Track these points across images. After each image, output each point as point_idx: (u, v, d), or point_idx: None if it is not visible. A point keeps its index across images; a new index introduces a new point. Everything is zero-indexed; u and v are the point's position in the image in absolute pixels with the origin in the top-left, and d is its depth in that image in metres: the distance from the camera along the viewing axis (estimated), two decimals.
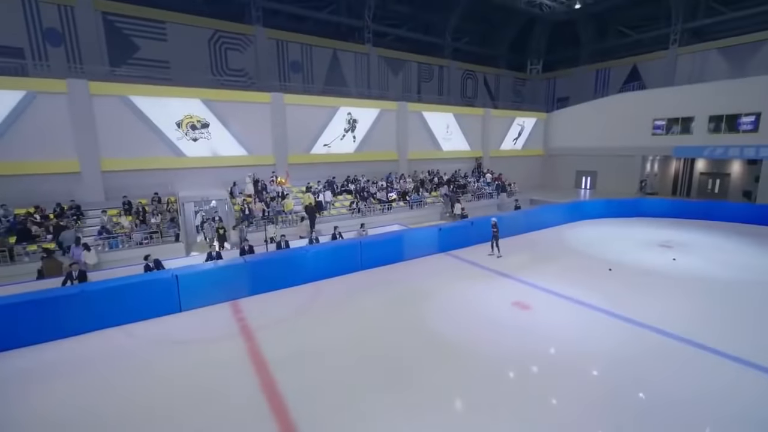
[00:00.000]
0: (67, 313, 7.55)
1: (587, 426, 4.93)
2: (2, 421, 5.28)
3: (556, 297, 9.21)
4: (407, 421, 5.03)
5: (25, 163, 13.93)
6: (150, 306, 8.35)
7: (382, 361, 6.59)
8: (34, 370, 6.53)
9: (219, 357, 6.88)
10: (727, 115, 22.26)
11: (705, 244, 13.97)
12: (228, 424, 5.08)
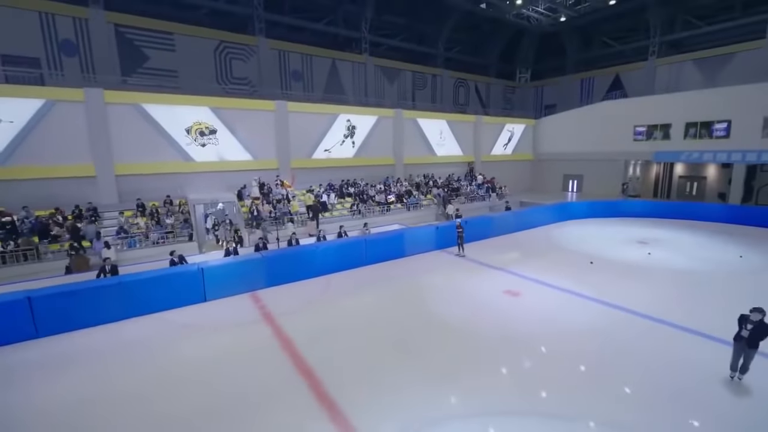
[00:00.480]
0: (108, 301, 8.42)
1: (570, 381, 6.01)
2: (77, 386, 6.16)
3: (542, 285, 10.33)
4: (418, 384, 6.05)
5: (44, 167, 14.66)
6: (179, 296, 9.24)
7: (392, 339, 7.61)
8: (90, 349, 7.40)
9: (248, 337, 7.82)
10: (702, 122, 23.82)
11: (678, 241, 15.29)
12: (266, 390, 6.03)
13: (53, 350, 7.37)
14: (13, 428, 5.26)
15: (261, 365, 6.76)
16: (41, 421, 5.38)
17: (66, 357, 7.11)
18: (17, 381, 6.36)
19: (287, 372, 6.48)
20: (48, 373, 6.55)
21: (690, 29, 28.42)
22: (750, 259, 12.80)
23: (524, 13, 29.16)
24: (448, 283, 10.83)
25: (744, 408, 5.35)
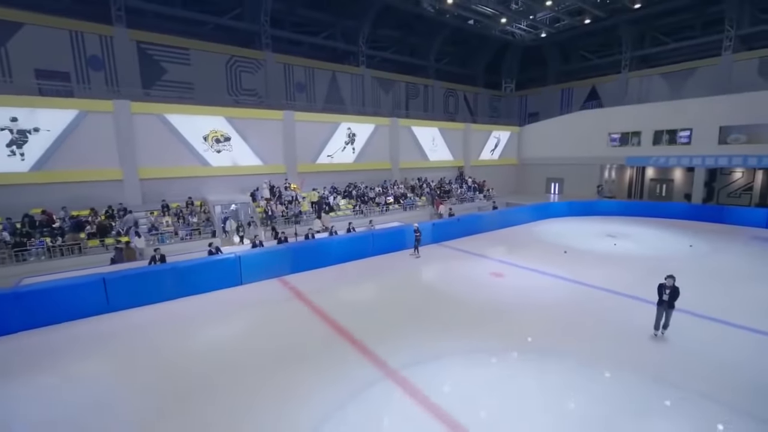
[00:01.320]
0: (165, 283, 10.11)
1: (540, 331, 7.99)
2: (156, 347, 7.89)
3: (522, 269, 12.36)
4: (424, 334, 7.96)
5: (77, 171, 16.17)
6: (220, 279, 10.96)
7: (402, 307, 9.52)
8: (153, 322, 9.10)
9: (286, 309, 9.62)
10: (668, 130, 26.45)
11: (642, 235, 17.58)
12: (311, 342, 7.85)
13: (124, 321, 9.03)
14: (102, 377, 6.99)
15: (302, 327, 8.57)
16: (127, 369, 7.12)
17: (136, 326, 8.79)
18: (100, 344, 8.05)
19: (324, 331, 8.31)
20: (122, 339, 8.25)
21: (657, 45, 31.24)
22: (698, 247, 15.12)
23: (508, 29, 31.60)
24: (444, 268, 12.80)
25: (661, 348, 7.39)
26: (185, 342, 8.12)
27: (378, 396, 5.97)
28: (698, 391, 5.89)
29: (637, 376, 6.36)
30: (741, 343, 7.52)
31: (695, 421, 5.28)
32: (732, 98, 23.76)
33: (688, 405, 5.63)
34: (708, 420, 5.31)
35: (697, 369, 6.57)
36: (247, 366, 6.97)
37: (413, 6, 26.35)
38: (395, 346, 7.43)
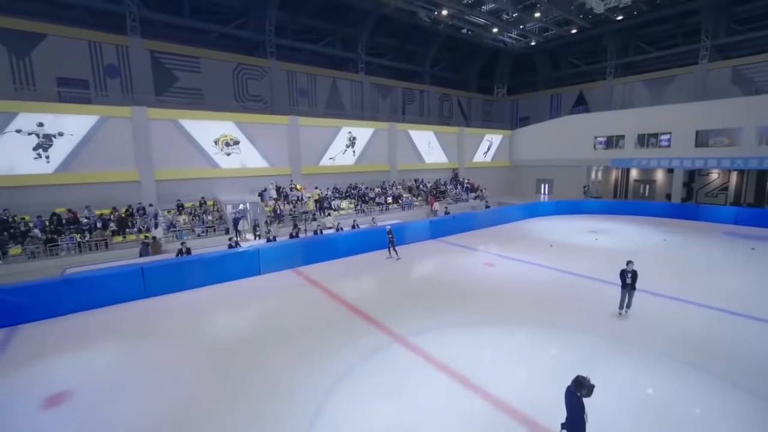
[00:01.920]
0: (193, 272, 11.32)
1: (526, 307, 9.37)
2: (193, 324, 9.13)
3: (511, 260, 13.76)
4: (426, 311, 9.29)
5: (98, 173, 17.26)
6: (242, 269, 12.20)
7: (407, 291, 10.86)
8: (187, 304, 10.32)
9: (304, 294, 10.90)
10: (649, 133, 28.14)
11: (622, 230, 19.10)
12: (329, 318, 9.14)
13: (161, 305, 10.23)
14: (153, 348, 8.22)
15: (318, 306, 9.87)
16: (167, 345, 8.36)
17: (172, 308, 10.01)
18: (143, 323, 9.27)
19: (338, 309, 9.62)
20: (162, 318, 9.48)
21: (640, 53, 33.02)
22: (671, 240, 16.66)
23: (500, 38, 33.18)
24: (442, 260, 14.16)
25: (623, 322, 8.78)
26: (219, 319, 9.36)
27: (385, 357, 7.27)
28: (655, 348, 7.29)
29: (605, 337, 7.75)
30: (694, 315, 8.95)
31: (652, 366, 6.64)
32: (707, 104, 25.52)
33: (646, 356, 7.00)
34: (662, 366, 6.67)
35: (654, 333, 7.96)
36: (274, 336, 8.24)
37: (409, 17, 27.77)
38: (401, 319, 8.74)
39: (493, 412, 5.60)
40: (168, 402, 6.05)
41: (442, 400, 5.93)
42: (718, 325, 8.46)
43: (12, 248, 13.38)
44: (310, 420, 5.44)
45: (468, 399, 5.94)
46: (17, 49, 17.72)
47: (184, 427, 5.48)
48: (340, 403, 5.84)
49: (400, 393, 6.09)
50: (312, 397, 6.00)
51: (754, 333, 8.00)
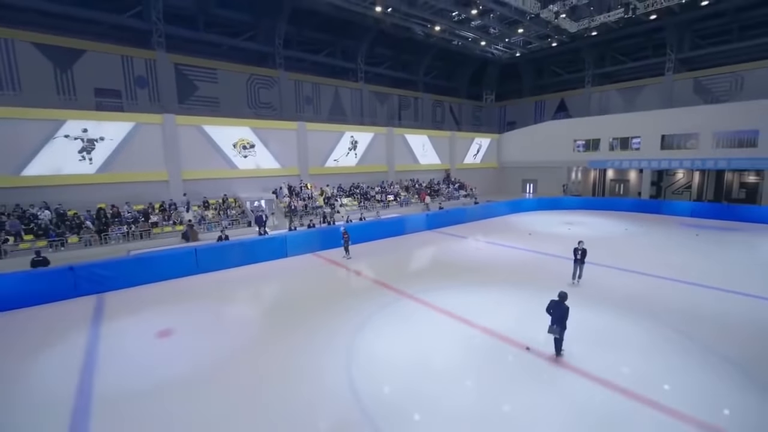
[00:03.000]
0: (234, 254, 13.73)
1: (507, 275, 12.01)
2: (240, 293, 11.57)
3: (496, 245, 16.43)
4: (429, 279, 11.88)
5: (133, 173, 19.49)
6: (272, 252, 14.62)
7: (412, 266, 13.42)
8: (232, 279, 12.74)
9: (326, 270, 13.38)
10: (622, 137, 31.19)
11: (593, 222, 21.95)
12: (352, 288, 11.65)
13: (211, 279, 12.61)
14: (211, 310, 10.65)
15: (339, 279, 12.37)
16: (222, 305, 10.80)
17: (221, 282, 12.41)
18: (199, 292, 11.68)
19: (356, 279, 12.15)
20: (214, 289, 11.90)
21: (615, 65, 36.20)
22: (633, 230, 19.53)
23: (487, 50, 36.05)
24: (438, 246, 16.76)
25: (577, 287, 11.45)
26: (264, 288, 11.80)
27: (398, 306, 9.82)
28: (600, 300, 9.95)
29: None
30: (635, 281, 11.66)
31: (594, 311, 9.27)
32: (671, 111, 28.66)
33: (592, 305, 9.65)
34: (602, 311, 9.32)
35: (601, 292, 10.63)
36: (307, 300, 10.69)
37: (405, 31, 30.43)
38: (407, 284, 11.31)
39: (479, 335, 8.18)
40: (241, 337, 8.49)
41: (440, 329, 8.49)
42: (653, 286, 11.17)
43: (70, 237, 15.61)
44: (348, 348, 7.88)
45: (459, 328, 8.51)
46: (61, 63, 19.91)
47: (255, 350, 7.90)
48: (366, 335, 8.32)
49: (410, 328, 8.64)
50: (345, 332, 8.46)
51: (677, 291, 10.73)
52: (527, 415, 5.62)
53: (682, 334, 8.06)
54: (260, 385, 6.54)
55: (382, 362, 7.15)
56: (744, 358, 7.06)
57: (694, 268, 12.70)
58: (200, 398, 6.19)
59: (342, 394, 6.17)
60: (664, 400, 5.83)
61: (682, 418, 5.45)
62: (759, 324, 8.52)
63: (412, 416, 5.60)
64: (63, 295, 10.79)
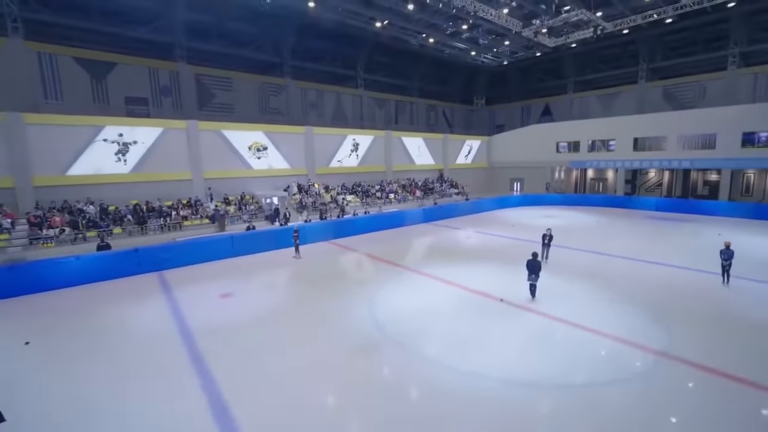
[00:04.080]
0: (262, 241, 16.27)
1: (492, 255, 14.76)
2: (274, 271, 14.15)
3: (484, 234, 19.20)
4: (430, 260, 14.59)
5: (161, 173, 21.83)
6: (291, 240, 17.17)
7: (412, 251, 16.11)
8: (261, 262, 15.30)
9: (340, 254, 16.00)
10: (600, 140, 34.21)
11: (569, 216, 24.84)
12: (364, 266, 14.29)
13: (246, 261, 15.14)
14: (252, 283, 13.24)
15: (352, 260, 15.00)
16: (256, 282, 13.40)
17: (254, 263, 14.96)
18: (238, 270, 14.24)
19: (367, 260, 14.78)
20: (250, 269, 14.46)
21: (594, 73, 39.26)
22: (602, 222, 22.44)
23: (478, 58, 38.88)
24: (434, 235, 19.48)
25: (545, 265, 14.21)
26: (289, 267, 14.36)
27: (404, 277, 12.48)
28: (562, 272, 12.71)
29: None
30: (593, 259, 14.47)
31: (556, 277, 11.99)
32: (642, 117, 31.73)
33: (555, 274, 12.38)
34: (568, 279, 12.06)
35: (563, 266, 13.40)
36: (329, 274, 13.33)
37: (401, 42, 33.07)
38: (409, 261, 13.99)
39: (466, 293, 10.87)
40: (282, 298, 11.16)
41: (437, 290, 11.17)
42: (608, 262, 13.98)
43: (115, 228, 18.00)
44: (369, 303, 10.48)
45: (451, 289, 11.20)
46: (97, 74, 22.22)
47: (295, 305, 10.50)
48: (381, 293, 10.97)
49: (414, 289, 11.32)
50: (365, 292, 11.11)
51: (624, 265, 13.55)
52: (497, 335, 8.32)
53: (619, 291, 10.85)
54: (303, 324, 9.17)
55: (395, 309, 9.82)
56: (654, 303, 9.87)
57: (642, 250, 15.57)
58: (262, 332, 8.80)
59: (368, 326, 8.82)
60: (594, 326, 8.56)
61: (605, 336, 8.18)
62: (669, 283, 11.41)
63: (418, 338, 8.25)
64: (129, 272, 13.27)
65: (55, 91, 21.21)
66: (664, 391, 6.18)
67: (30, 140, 18.22)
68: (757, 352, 7.46)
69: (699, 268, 12.67)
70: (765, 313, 9.24)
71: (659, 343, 7.80)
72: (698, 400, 6.10)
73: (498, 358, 7.28)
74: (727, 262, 10.94)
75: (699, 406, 5.93)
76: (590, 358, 7.27)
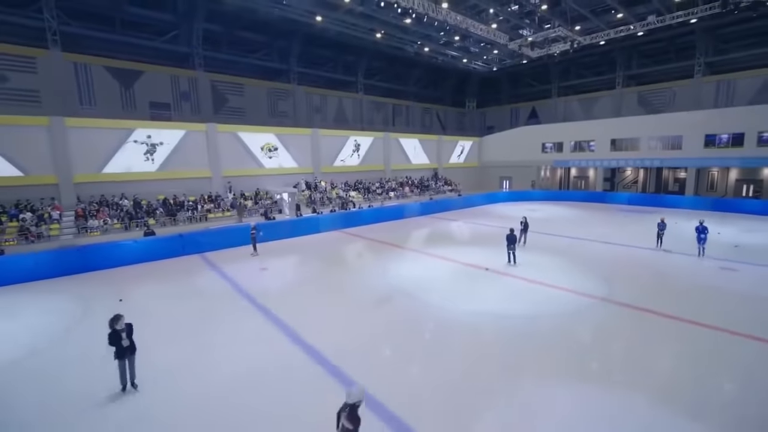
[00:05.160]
0: (284, 229, 18.76)
1: (479, 240, 17.47)
2: (294, 252, 16.71)
3: (474, 224, 21.94)
4: (429, 243, 17.26)
5: (183, 171, 24.15)
6: (309, 228, 19.70)
7: (414, 237, 18.77)
8: (288, 245, 17.81)
9: (351, 241, 18.57)
10: (581, 140, 37.22)
11: (550, 209, 27.70)
12: (374, 248, 16.90)
13: (271, 245, 17.62)
14: (281, 260, 15.79)
15: (363, 244, 17.59)
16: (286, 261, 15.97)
17: (276, 248, 17.46)
18: (275, 250, 16.76)
19: (374, 244, 17.39)
20: (276, 250, 16.98)
21: (576, 78, 42.35)
22: (578, 214, 25.30)
23: (469, 65, 41.69)
24: (430, 225, 22.16)
25: (523, 247, 16.94)
26: (311, 249, 16.89)
27: (408, 256, 15.10)
28: (536, 250, 15.44)
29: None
30: (564, 241, 17.24)
31: (532, 253, 14.69)
32: (619, 120, 34.79)
33: (538, 252, 15.09)
34: (543, 255, 14.77)
35: (538, 246, 16.13)
36: (344, 254, 15.91)
37: (398, 50, 35.68)
38: (411, 245, 16.61)
39: (458, 265, 13.54)
40: (308, 272, 13.68)
41: (435, 264, 13.82)
42: (578, 244, 16.76)
43: (149, 220, 20.32)
44: (381, 272, 13.08)
45: (446, 263, 13.84)
46: (125, 82, 24.48)
47: (319, 278, 13.05)
48: (390, 266, 13.57)
49: (416, 263, 13.96)
50: (376, 266, 13.72)
51: (591, 246, 16.35)
52: (485, 291, 10.98)
53: (581, 263, 13.62)
54: (333, 288, 11.75)
55: (403, 276, 12.46)
56: (607, 270, 12.66)
57: (608, 235, 18.42)
58: (302, 293, 11.40)
59: (384, 287, 11.45)
60: (558, 285, 11.27)
61: (565, 290, 10.87)
62: (623, 257, 14.26)
63: (424, 293, 10.87)
64: (174, 254, 15.66)
65: (90, 98, 23.43)
66: (601, 317, 8.93)
67: (70, 142, 20.42)
68: (673, 295, 10.25)
69: (649, 247, 15.52)
70: (685, 273, 12.09)
71: (603, 293, 10.54)
72: (622, 322, 8.84)
73: (486, 304, 9.95)
74: (662, 231, 15.35)
75: (623, 326, 8.67)
76: (553, 303, 9.98)
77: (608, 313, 9.32)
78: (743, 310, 9.38)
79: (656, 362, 7.17)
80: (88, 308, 10.32)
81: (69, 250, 13.93)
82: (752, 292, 10.68)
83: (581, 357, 7.37)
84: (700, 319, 8.73)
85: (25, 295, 11.47)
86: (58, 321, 9.58)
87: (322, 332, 8.48)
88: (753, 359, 7.12)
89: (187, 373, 6.93)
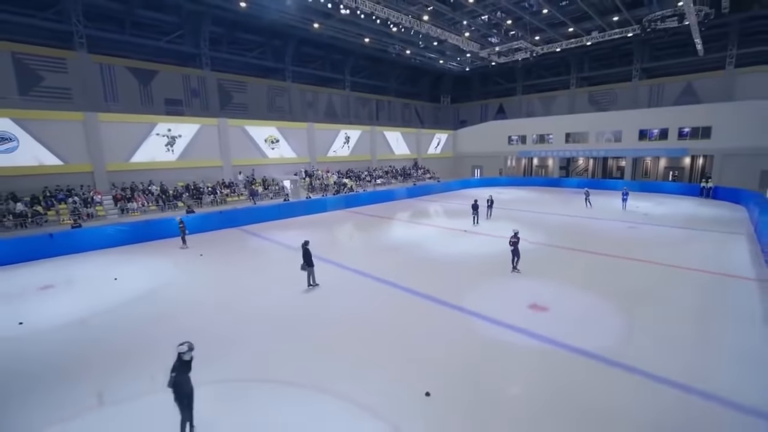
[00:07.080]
0: (297, 208, 22.74)
1: (456, 217, 22.22)
2: (312, 229, 20.84)
3: (450, 203, 26.71)
4: (418, 217, 21.83)
5: (198, 161, 27.37)
6: (319, 208, 23.74)
7: (401, 211, 23.28)
8: (298, 222, 21.85)
9: (353, 216, 22.83)
10: (542, 134, 42.79)
11: (513, 192, 32.96)
12: (372, 222, 21.27)
13: (290, 222, 21.59)
14: (296, 233, 19.96)
15: (364, 219, 21.92)
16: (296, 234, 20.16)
17: (298, 222, 21.49)
18: (286, 227, 20.79)
19: (374, 219, 21.76)
20: (294, 226, 21.04)
21: (538, 79, 47.85)
22: (527, 196, 30.65)
23: (444, 65, 46.24)
24: (414, 205, 26.76)
25: (490, 219, 21.81)
26: (324, 224, 21.01)
27: (404, 225, 19.59)
28: (506, 219, 20.30)
29: (483, 220, 20.70)
30: (527, 215, 22.25)
31: (501, 221, 19.49)
32: (573, 116, 40.51)
33: (503, 220, 19.90)
34: (506, 221, 19.60)
35: (502, 218, 21.01)
36: (348, 225, 20.17)
37: (381, 52, 39.64)
38: (401, 216, 21.10)
39: (441, 229, 18.17)
40: (330, 235, 17.90)
41: (422, 229, 18.41)
42: (536, 216, 21.77)
43: (179, 203, 23.67)
44: (384, 233, 17.48)
45: (431, 228, 18.45)
46: (144, 81, 27.25)
47: (336, 241, 17.35)
48: (389, 230, 18.04)
49: (407, 229, 18.52)
50: (378, 230, 18.14)
51: (544, 216, 21.41)
52: (464, 243, 15.64)
53: (531, 226, 18.56)
54: (356, 245, 16.06)
55: (400, 236, 16.99)
56: (551, 229, 17.67)
57: (557, 209, 23.63)
58: (337, 247, 15.65)
59: (389, 242, 15.90)
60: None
61: (529, 242, 15.69)
62: (563, 223, 19.34)
63: (420, 244, 15.38)
64: (216, 227, 19.38)
65: (113, 95, 26.12)
66: (542, 253, 13.84)
67: (102, 134, 23.33)
68: (595, 241, 15.30)
69: (582, 216, 20.80)
70: (605, 230, 17.35)
71: (546, 241, 15.49)
72: (558, 256, 13.74)
73: (464, 248, 14.64)
74: (588, 196, 20.82)
75: (559, 258, 13.58)
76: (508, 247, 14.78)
77: (549, 251, 14.22)
78: (636, 248, 14.53)
79: (575, 270, 12.07)
80: (178, 262, 14.13)
81: (139, 223, 17.39)
82: (645, 239, 15.96)
83: (530, 264, 12.15)
84: (606, 252, 13.78)
85: (124, 255, 15.07)
86: (164, 268, 13.38)
87: (364, 263, 12.89)
88: (637, 269, 12.16)
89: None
